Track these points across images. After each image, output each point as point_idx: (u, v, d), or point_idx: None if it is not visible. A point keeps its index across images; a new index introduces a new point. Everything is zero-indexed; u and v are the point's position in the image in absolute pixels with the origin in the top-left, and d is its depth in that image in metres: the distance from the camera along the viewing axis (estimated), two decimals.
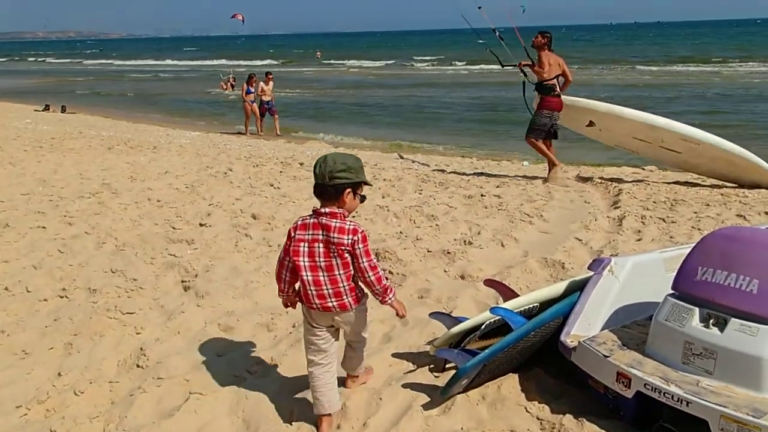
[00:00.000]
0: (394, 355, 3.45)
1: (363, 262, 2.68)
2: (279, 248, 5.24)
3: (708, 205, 7.05)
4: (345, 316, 2.78)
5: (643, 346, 2.77)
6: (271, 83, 17.37)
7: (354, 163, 2.68)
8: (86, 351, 3.56)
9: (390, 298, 2.78)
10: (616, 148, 10.10)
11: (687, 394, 2.40)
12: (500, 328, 3.13)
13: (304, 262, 2.70)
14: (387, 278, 2.88)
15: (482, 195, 7.58)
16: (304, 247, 2.70)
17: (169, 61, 69.09)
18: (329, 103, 25.94)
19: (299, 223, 2.74)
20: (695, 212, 6.64)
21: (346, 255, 2.67)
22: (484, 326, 3.12)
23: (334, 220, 2.66)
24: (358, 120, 20.43)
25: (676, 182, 8.99)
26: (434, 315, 3.44)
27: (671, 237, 5.64)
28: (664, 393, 2.47)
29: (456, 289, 4.42)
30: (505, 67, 9.62)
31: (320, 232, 2.68)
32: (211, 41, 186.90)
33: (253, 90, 17.22)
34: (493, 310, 3.06)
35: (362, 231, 2.69)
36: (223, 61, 60.12)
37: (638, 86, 27.95)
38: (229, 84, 30.65)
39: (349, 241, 2.65)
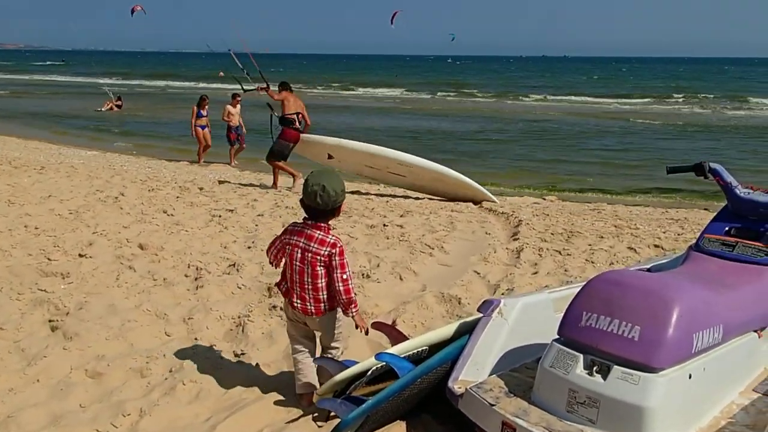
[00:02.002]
0: (277, 402, 3.23)
1: (337, 273, 3.00)
2: (165, 282, 4.97)
3: (602, 237, 7.26)
4: (319, 321, 3.13)
5: (530, 392, 2.69)
6: (238, 106, 14.64)
7: (340, 185, 3.01)
8: None
9: (352, 311, 3.07)
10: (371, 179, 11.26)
11: None
12: (389, 371, 2.98)
13: (295, 263, 3.05)
14: (355, 294, 3.11)
15: (384, 225, 7.50)
16: (296, 251, 3.04)
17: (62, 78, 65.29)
18: None
19: (290, 228, 3.11)
20: (590, 245, 6.81)
21: (319, 266, 3.00)
22: (369, 372, 2.95)
23: (318, 232, 3.01)
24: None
25: (573, 213, 9.26)
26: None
27: (566, 270, 5.72)
28: None
29: (348, 328, 4.23)
30: (245, 91, 10.96)
31: (302, 240, 3.02)
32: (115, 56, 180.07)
33: (204, 114, 14.82)
34: (378, 356, 2.91)
35: (341, 245, 3.01)
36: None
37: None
38: (114, 104, 29.66)
39: (326, 252, 2.99)
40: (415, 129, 23.50)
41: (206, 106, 14.88)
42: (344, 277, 3.01)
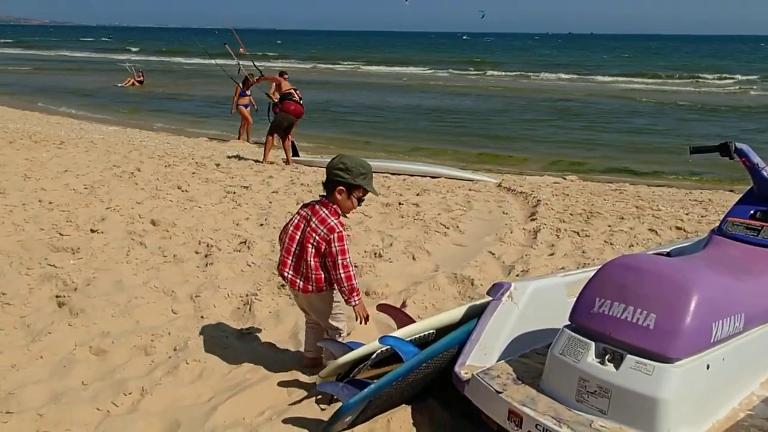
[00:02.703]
0: (281, 384, 3.16)
1: (337, 260, 2.94)
2: (174, 259, 4.93)
3: (622, 218, 7.07)
4: (305, 298, 3.10)
5: (539, 380, 2.58)
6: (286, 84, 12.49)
7: (354, 166, 2.93)
8: None
9: (355, 300, 3.01)
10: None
11: None
12: (395, 355, 2.89)
13: (288, 229, 3.07)
14: (357, 281, 3.04)
15: (400, 203, 7.38)
16: (296, 218, 3.06)
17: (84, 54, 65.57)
18: None
19: (306, 202, 3.15)
20: (609, 226, 6.64)
21: (311, 243, 2.95)
22: (374, 356, 2.87)
23: (324, 210, 2.98)
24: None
25: (594, 194, 9.05)
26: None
27: (583, 252, 5.58)
28: None
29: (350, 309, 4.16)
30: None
31: (309, 213, 3.02)
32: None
33: (248, 93, 14.23)
34: (382, 339, 2.82)
35: (340, 231, 2.94)
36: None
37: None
38: (136, 80, 29.70)
39: (322, 233, 2.94)
40: (437, 108, 23.20)
41: (250, 86, 13.97)
42: (345, 263, 2.95)
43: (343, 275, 2.95)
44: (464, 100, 26.32)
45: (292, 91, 10.66)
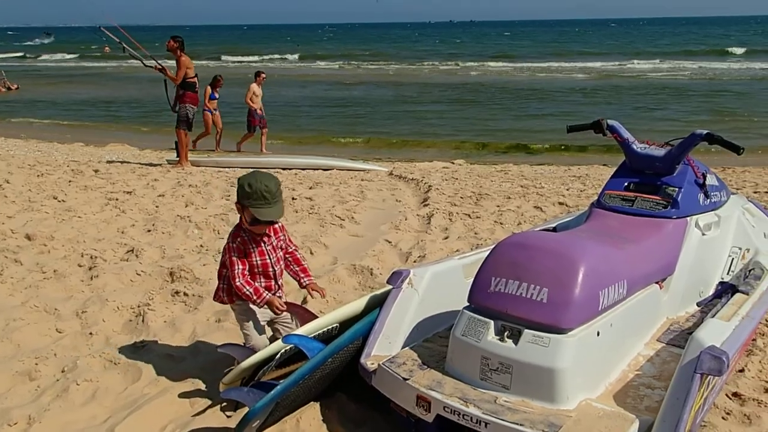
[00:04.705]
0: (182, 395, 3.03)
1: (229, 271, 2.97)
2: (55, 275, 4.60)
3: (509, 198, 7.36)
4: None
5: (444, 363, 2.63)
6: (261, 86, 12.64)
7: (241, 182, 2.86)
8: None
9: (259, 302, 2.97)
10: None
11: (485, 414, 2.28)
12: (299, 353, 2.85)
13: None
14: (248, 285, 2.96)
15: (293, 198, 7.30)
16: None
17: None
18: None
19: None
20: (498, 206, 6.88)
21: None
22: (278, 356, 2.81)
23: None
24: None
25: (481, 176, 9.36)
26: (224, 347, 3.07)
27: (476, 233, 5.75)
28: (463, 415, 2.33)
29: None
30: (146, 66, 10.71)
31: None
32: None
33: (217, 96, 12.60)
34: (285, 339, 2.76)
35: (226, 244, 2.99)
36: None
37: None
38: (6, 84, 27.73)
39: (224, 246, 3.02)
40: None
41: (219, 88, 12.61)
42: (233, 274, 2.95)
43: (235, 285, 2.95)
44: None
45: (195, 80, 10.31)
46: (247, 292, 2.95)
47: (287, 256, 3.19)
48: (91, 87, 29.73)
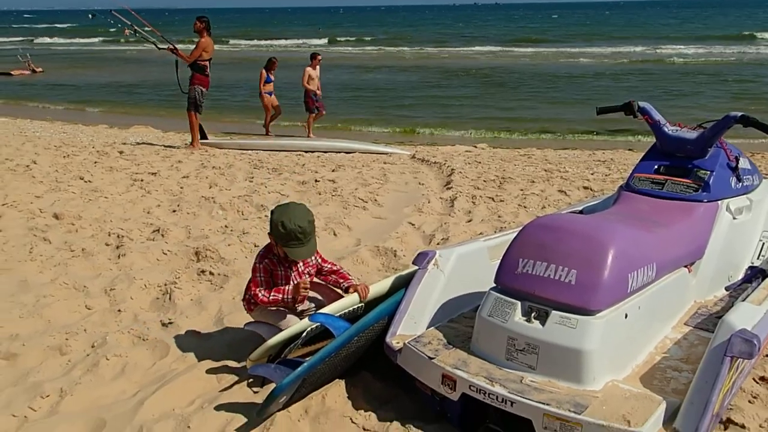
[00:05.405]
0: (209, 371, 3.08)
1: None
2: (83, 253, 4.67)
3: (533, 181, 7.30)
4: None
5: (469, 343, 2.64)
6: (318, 68, 12.69)
7: (275, 221, 2.92)
8: None
9: (282, 303, 3.02)
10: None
11: (511, 393, 2.29)
12: (325, 332, 2.87)
13: None
14: (265, 295, 3.02)
15: (316, 180, 7.32)
16: None
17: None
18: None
19: None
20: (521, 190, 6.84)
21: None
22: (305, 334, 2.84)
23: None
24: None
25: (505, 160, 9.30)
26: (251, 325, 3.10)
27: (499, 216, 5.72)
28: (489, 394, 2.33)
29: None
30: (160, 50, 10.55)
31: None
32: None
33: (272, 78, 12.79)
34: (312, 317, 2.79)
35: (254, 263, 3.06)
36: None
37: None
38: (30, 67, 28.03)
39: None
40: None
41: (274, 70, 12.85)
42: (253, 292, 3.02)
43: (262, 303, 3.03)
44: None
45: (207, 63, 10.11)
46: (274, 299, 3.01)
47: (323, 272, 3.23)
48: (114, 70, 29.96)
